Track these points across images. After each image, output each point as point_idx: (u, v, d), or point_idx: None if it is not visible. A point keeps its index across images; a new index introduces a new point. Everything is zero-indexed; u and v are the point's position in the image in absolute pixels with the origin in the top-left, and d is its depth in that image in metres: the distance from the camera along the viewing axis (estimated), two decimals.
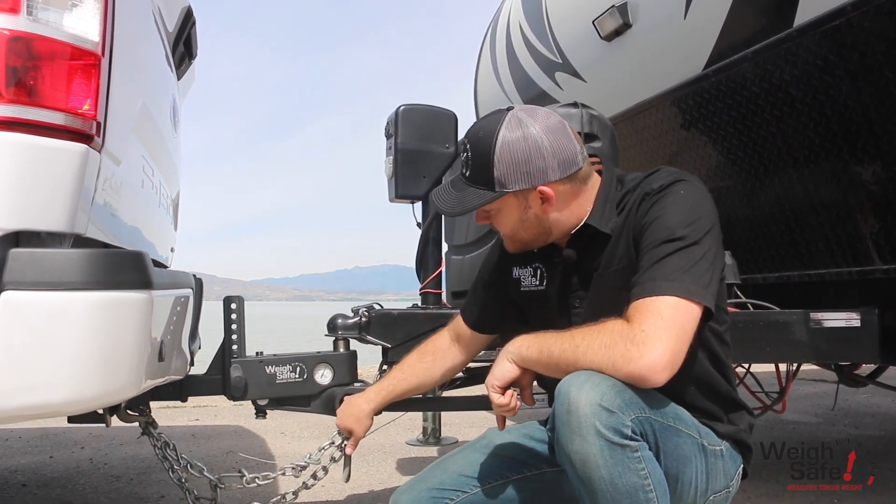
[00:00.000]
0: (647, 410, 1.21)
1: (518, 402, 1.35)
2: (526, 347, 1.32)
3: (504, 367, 1.33)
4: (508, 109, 1.40)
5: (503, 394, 1.34)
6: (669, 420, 1.26)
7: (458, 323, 1.73)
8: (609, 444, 1.15)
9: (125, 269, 1.17)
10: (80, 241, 1.23)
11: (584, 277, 1.45)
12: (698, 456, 1.31)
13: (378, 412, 1.79)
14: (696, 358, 1.35)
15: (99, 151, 1.24)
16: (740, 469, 1.43)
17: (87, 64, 1.21)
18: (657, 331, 1.19)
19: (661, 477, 1.21)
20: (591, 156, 1.50)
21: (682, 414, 1.31)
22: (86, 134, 1.19)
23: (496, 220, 1.45)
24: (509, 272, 1.61)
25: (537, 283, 1.55)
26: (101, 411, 1.80)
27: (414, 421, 3.77)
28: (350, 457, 2.09)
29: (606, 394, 1.16)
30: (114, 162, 1.35)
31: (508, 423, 1.53)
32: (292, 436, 3.73)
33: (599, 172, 1.48)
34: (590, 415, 1.14)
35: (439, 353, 1.74)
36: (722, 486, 1.37)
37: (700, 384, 1.38)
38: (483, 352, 2.12)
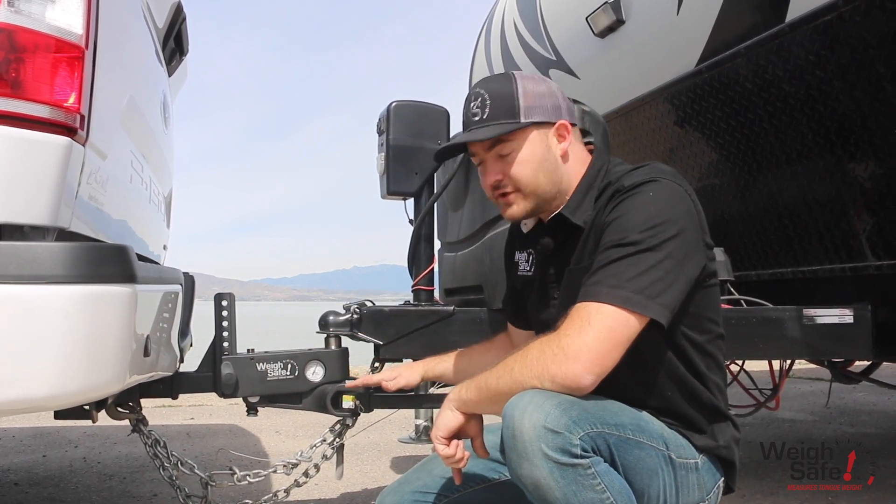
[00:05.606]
0: (600, 425, 1.17)
1: (466, 453, 1.32)
2: (465, 391, 1.29)
3: (446, 417, 1.30)
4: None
5: (448, 444, 1.30)
6: (628, 433, 1.22)
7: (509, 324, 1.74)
8: (558, 465, 1.11)
9: (108, 262, 1.16)
10: (64, 235, 1.22)
11: (559, 269, 1.44)
12: (665, 468, 1.26)
13: (426, 379, 1.78)
14: (668, 363, 1.32)
15: (83, 145, 1.23)
16: (720, 483, 1.37)
17: (71, 56, 1.20)
18: (579, 336, 1.16)
19: (621, 486, 1.18)
20: (586, 143, 1.50)
21: (647, 426, 1.27)
22: (69, 127, 1.18)
23: (516, 163, 1.37)
24: (512, 255, 1.62)
25: (528, 268, 1.55)
26: (87, 407, 1.79)
27: (407, 419, 3.76)
28: (342, 454, 2.08)
29: (551, 413, 1.12)
30: (99, 156, 1.34)
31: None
32: (287, 434, 3.73)
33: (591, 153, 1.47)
34: (534, 438, 1.11)
35: (496, 344, 1.74)
36: (696, 500, 1.31)
37: (677, 389, 1.33)
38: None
